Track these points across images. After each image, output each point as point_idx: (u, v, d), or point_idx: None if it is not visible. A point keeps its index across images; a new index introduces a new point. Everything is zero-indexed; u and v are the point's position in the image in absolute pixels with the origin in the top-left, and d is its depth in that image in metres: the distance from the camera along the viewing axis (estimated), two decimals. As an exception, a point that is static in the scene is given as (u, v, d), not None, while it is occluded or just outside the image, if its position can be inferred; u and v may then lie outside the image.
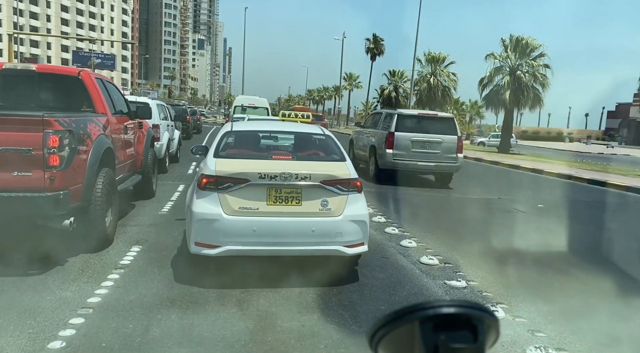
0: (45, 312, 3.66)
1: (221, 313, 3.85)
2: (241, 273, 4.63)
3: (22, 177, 4.47)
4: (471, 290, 4.68)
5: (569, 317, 4.14)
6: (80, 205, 4.99)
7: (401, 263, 5.40)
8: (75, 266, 4.76)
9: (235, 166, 4.50)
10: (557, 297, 4.69)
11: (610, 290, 4.91)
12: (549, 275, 5.37)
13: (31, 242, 5.17)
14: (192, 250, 4.39)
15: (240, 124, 6.25)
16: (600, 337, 3.82)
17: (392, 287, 4.66)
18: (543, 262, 5.84)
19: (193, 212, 4.36)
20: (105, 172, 5.44)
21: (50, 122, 4.47)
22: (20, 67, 6.14)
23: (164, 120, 12.15)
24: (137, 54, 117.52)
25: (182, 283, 4.40)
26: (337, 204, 4.46)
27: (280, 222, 4.37)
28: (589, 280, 5.19)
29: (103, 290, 4.16)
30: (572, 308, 4.33)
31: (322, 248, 4.47)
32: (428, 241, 6.44)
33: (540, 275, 5.38)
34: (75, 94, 6.14)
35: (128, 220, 6.75)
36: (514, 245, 6.71)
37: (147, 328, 3.50)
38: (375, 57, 58.90)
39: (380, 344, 0.68)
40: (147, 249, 5.44)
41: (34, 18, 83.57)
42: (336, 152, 5.12)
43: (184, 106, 24.86)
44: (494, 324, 0.67)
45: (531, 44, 28.01)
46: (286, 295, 4.26)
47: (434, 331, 0.65)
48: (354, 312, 3.96)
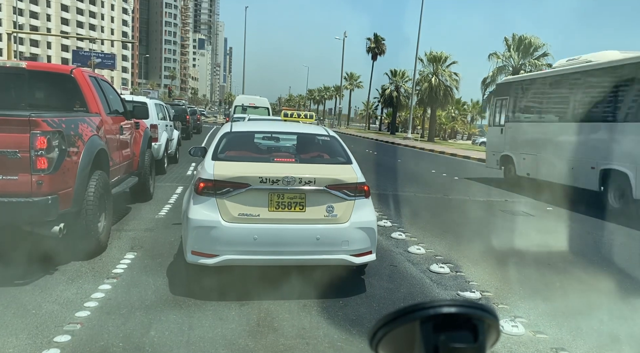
0: (25, 332, 3.38)
1: (218, 328, 3.57)
2: (241, 284, 4.35)
3: (7, 181, 4.20)
4: (486, 302, 4.39)
5: (599, 338, 3.86)
6: (71, 210, 4.72)
7: (410, 272, 5.12)
8: (65, 275, 4.48)
9: (234, 169, 4.22)
10: (582, 311, 4.40)
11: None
12: (566, 282, 5.08)
13: (16, 249, 4.89)
14: (189, 259, 4.11)
15: (240, 125, 5.96)
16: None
17: (402, 298, 4.38)
18: (558, 269, 5.56)
19: (189, 219, 4.08)
20: (98, 175, 5.17)
21: (37, 123, 4.20)
22: (9, 64, 5.86)
23: (162, 120, 11.89)
24: (137, 53, 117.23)
25: (178, 295, 4.12)
26: (343, 210, 4.18)
27: (282, 229, 4.09)
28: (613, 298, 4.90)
29: (93, 302, 3.88)
30: (598, 329, 4.04)
31: (327, 258, 4.18)
32: (437, 247, 6.16)
33: (554, 281, 5.09)
34: (68, 93, 5.87)
35: (123, 224, 6.48)
36: (526, 251, 6.42)
37: (137, 347, 3.22)
38: (376, 57, 58.70)
39: (380, 344, 0.68)
40: (142, 256, 5.17)
41: (34, 17, 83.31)
42: (342, 154, 4.85)
43: (183, 106, 24.60)
44: (494, 324, 0.67)
45: (534, 42, 27.82)
46: (289, 308, 3.98)
47: (435, 331, 0.64)
48: (361, 327, 3.68)
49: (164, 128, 11.83)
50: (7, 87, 5.83)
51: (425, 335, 0.64)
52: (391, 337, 0.67)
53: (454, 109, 45.89)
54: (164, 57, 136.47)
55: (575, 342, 3.68)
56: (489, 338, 0.67)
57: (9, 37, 28.42)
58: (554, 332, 3.83)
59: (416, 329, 0.65)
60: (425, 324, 0.64)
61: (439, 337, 0.64)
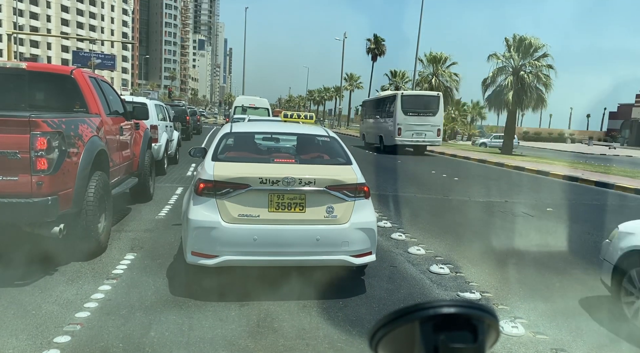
0: (25, 332, 3.38)
1: (218, 328, 3.57)
2: (240, 285, 4.35)
3: (7, 181, 4.20)
4: (487, 303, 4.39)
5: (599, 339, 3.86)
6: (71, 211, 4.72)
7: (410, 273, 5.12)
8: (65, 275, 4.48)
9: (234, 170, 4.22)
10: (582, 311, 4.40)
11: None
12: (565, 284, 5.08)
13: (16, 249, 4.90)
14: (189, 260, 4.12)
15: (240, 125, 5.96)
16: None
17: (402, 299, 4.37)
18: (558, 269, 5.55)
19: (189, 220, 4.08)
20: (98, 176, 5.17)
21: (37, 123, 4.20)
22: (9, 65, 5.86)
23: (162, 121, 11.88)
24: (137, 54, 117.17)
25: (178, 295, 4.12)
26: (343, 211, 4.18)
27: (282, 230, 4.09)
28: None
29: (92, 303, 3.88)
30: (597, 330, 4.04)
31: (327, 258, 4.18)
32: (437, 247, 6.16)
33: (554, 283, 5.09)
34: (68, 94, 5.87)
35: (123, 225, 6.48)
36: (526, 252, 6.42)
37: (137, 348, 3.22)
38: (376, 58, 58.71)
39: (380, 344, 0.68)
40: (142, 257, 5.17)
41: (34, 18, 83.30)
42: (341, 155, 4.85)
43: (183, 106, 24.58)
44: (494, 324, 0.67)
45: (534, 43, 27.72)
46: (289, 308, 3.98)
47: (434, 331, 0.64)
48: (361, 328, 3.68)
49: (164, 129, 11.83)
50: (7, 87, 5.82)
51: (425, 335, 0.64)
52: (391, 338, 0.67)
53: (454, 110, 45.78)
54: (164, 57, 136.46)
55: (575, 342, 3.68)
56: (488, 339, 0.67)
57: (9, 38, 28.39)
58: (554, 332, 3.83)
59: (416, 329, 0.65)
60: (425, 324, 0.65)
61: (438, 337, 0.64)
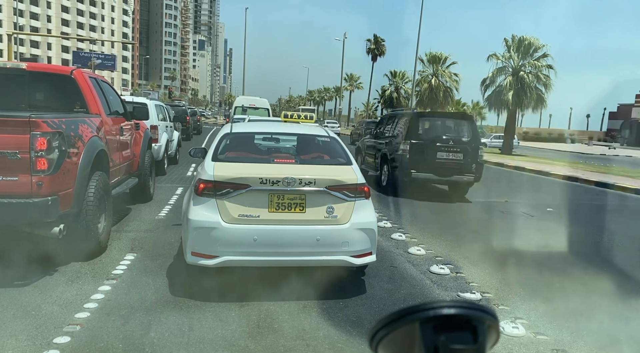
0: (25, 333, 3.37)
1: (218, 329, 3.56)
2: (240, 285, 4.35)
3: (7, 182, 4.19)
4: (487, 304, 4.39)
5: (600, 339, 3.85)
6: (71, 211, 4.71)
7: (410, 273, 5.11)
8: (65, 276, 4.48)
9: (234, 170, 4.21)
10: (583, 312, 4.40)
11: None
12: (565, 285, 5.07)
13: (15, 249, 4.89)
14: (189, 260, 4.11)
15: (240, 126, 5.95)
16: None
17: (402, 299, 4.37)
18: (559, 270, 5.55)
19: (189, 220, 4.07)
20: (98, 176, 5.16)
21: (37, 123, 4.20)
22: (9, 65, 5.85)
23: (162, 121, 11.88)
24: (137, 54, 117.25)
25: (178, 296, 4.12)
26: (343, 211, 4.18)
27: (282, 230, 4.09)
28: (617, 293, 4.89)
29: (92, 304, 3.87)
30: (599, 330, 4.03)
31: (327, 259, 4.17)
32: (437, 248, 6.15)
33: (555, 283, 5.08)
34: (68, 94, 5.85)
35: (123, 225, 6.47)
36: (527, 252, 6.41)
37: (137, 348, 3.21)
38: (376, 58, 58.69)
39: (380, 345, 0.67)
40: (142, 257, 5.16)
41: (34, 18, 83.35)
42: (342, 155, 4.84)
43: (183, 107, 24.59)
44: (494, 325, 0.67)
45: (534, 43, 27.75)
46: (289, 309, 3.97)
47: (435, 332, 0.64)
48: (361, 328, 3.67)
49: (164, 129, 11.83)
50: (8, 88, 5.82)
51: (425, 336, 0.64)
52: (391, 338, 0.66)
53: (454, 110, 45.83)
54: (164, 58, 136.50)
55: (575, 343, 3.68)
56: (489, 339, 0.67)
57: (10, 38, 28.40)
58: (555, 333, 3.82)
59: (416, 330, 0.65)
60: (425, 325, 0.64)
61: (439, 338, 0.64)
